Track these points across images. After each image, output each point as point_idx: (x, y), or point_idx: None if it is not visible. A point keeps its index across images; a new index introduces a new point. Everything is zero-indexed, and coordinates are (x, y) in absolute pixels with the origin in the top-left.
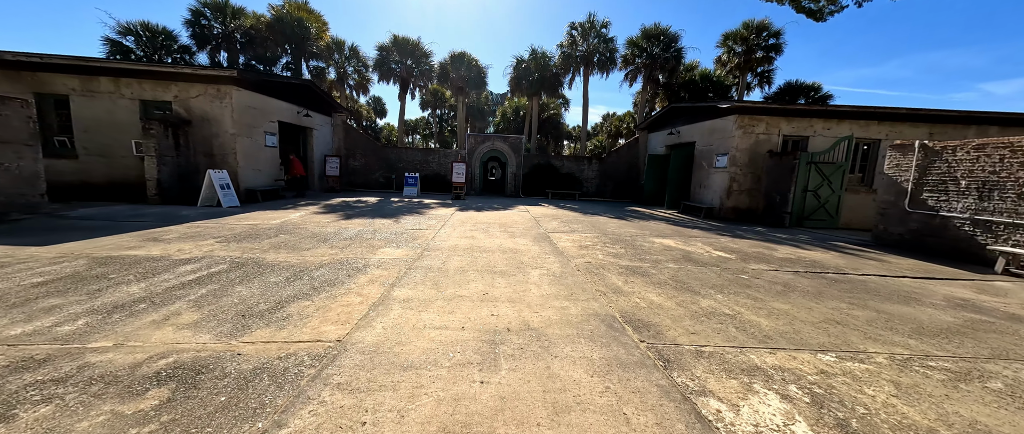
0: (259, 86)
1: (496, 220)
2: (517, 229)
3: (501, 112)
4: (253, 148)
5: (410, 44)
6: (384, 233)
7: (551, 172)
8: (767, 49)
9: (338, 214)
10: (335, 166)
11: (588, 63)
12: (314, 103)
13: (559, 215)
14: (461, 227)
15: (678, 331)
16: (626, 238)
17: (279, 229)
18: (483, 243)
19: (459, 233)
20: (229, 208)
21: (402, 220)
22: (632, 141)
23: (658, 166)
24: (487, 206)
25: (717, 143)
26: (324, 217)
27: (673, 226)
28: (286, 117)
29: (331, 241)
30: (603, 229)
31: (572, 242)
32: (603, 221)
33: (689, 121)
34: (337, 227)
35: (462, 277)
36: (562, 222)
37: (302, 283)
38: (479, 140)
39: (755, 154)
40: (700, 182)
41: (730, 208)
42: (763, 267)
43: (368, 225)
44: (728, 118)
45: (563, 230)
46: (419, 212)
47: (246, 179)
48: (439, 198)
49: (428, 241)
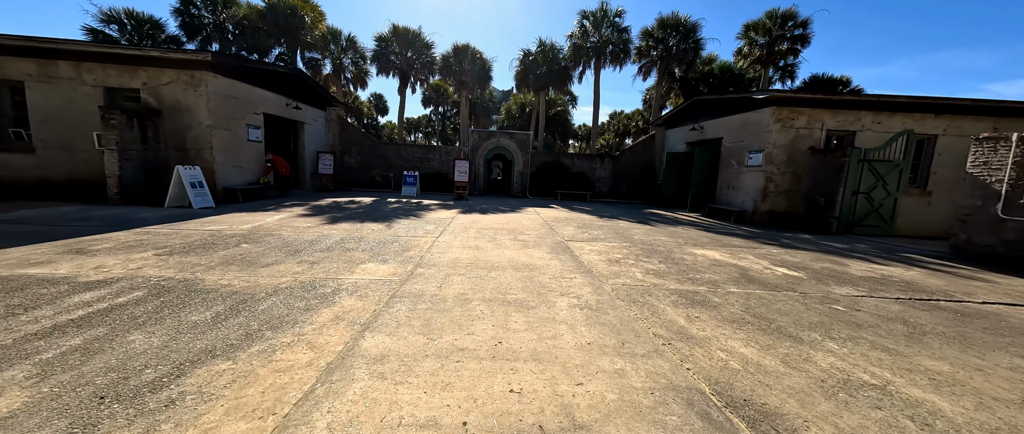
0: (240, 73)
1: (503, 225)
2: (529, 236)
3: (506, 109)
4: (233, 142)
5: (411, 34)
6: (371, 242)
7: (560, 171)
8: (792, 40)
9: (323, 217)
10: (329, 163)
11: (600, 55)
12: (306, 95)
13: (573, 218)
14: (463, 234)
15: (826, 433)
16: (660, 249)
17: (246, 237)
18: (490, 256)
19: (461, 242)
20: (200, 209)
21: (396, 225)
22: (647, 138)
23: (678, 165)
24: (492, 208)
25: (749, 139)
26: (306, 221)
27: (707, 233)
28: (273, 109)
29: (303, 253)
30: (628, 236)
31: (597, 254)
32: (624, 226)
33: (714, 115)
34: (317, 234)
35: (465, 311)
36: (579, 227)
37: (234, 324)
38: (483, 137)
39: (794, 151)
40: (728, 182)
41: (765, 212)
42: (851, 292)
43: (354, 231)
44: (764, 111)
45: (583, 238)
46: (416, 215)
47: (224, 177)
48: (440, 199)
49: (423, 253)
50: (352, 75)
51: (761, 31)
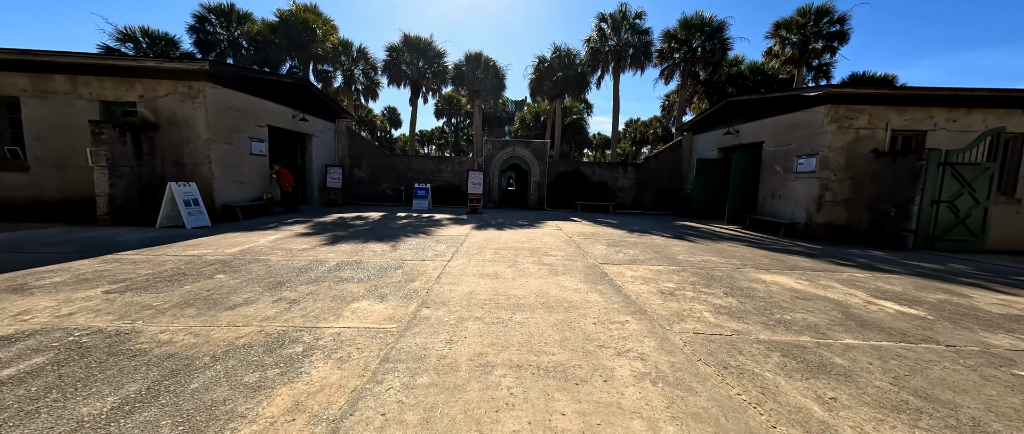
0: (242, 84)
1: (524, 242)
2: (556, 258)
3: (520, 118)
4: (234, 156)
5: (422, 43)
6: (371, 268)
7: (580, 181)
8: (828, 37)
9: (324, 237)
10: (337, 177)
11: (619, 60)
12: (313, 106)
13: (600, 234)
14: (479, 256)
15: None
16: (716, 273)
17: (226, 263)
18: (513, 288)
19: (476, 267)
20: (194, 229)
21: (402, 245)
22: (673, 144)
23: (709, 173)
24: (509, 222)
25: (798, 142)
26: (303, 241)
27: (761, 251)
28: (279, 121)
29: (285, 287)
30: (670, 256)
31: (644, 283)
32: (661, 243)
33: (753, 117)
34: (310, 258)
35: (484, 389)
36: (610, 245)
37: (137, 422)
38: (498, 146)
39: (854, 155)
40: (773, 191)
41: (821, 224)
42: (1016, 342)
43: (354, 254)
44: (817, 110)
45: (619, 260)
46: (426, 232)
47: (224, 193)
48: (453, 212)
49: (430, 284)
50: (363, 87)
51: (793, 29)
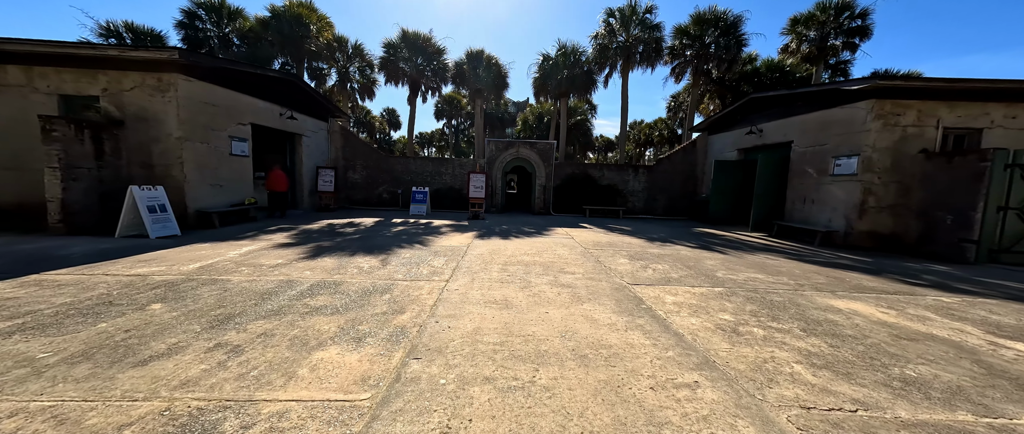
0: (221, 77)
1: (534, 255)
2: (575, 277)
3: (522, 119)
4: (211, 157)
5: (421, 40)
6: (351, 293)
7: (588, 184)
8: (849, 33)
9: (305, 248)
10: (329, 180)
11: (628, 57)
12: (304, 104)
13: (617, 243)
14: (484, 274)
15: None
16: (772, 298)
17: (172, 287)
18: (530, 323)
19: (481, 290)
20: (158, 240)
21: (394, 259)
22: (688, 146)
23: (728, 175)
24: (515, 229)
25: (835, 141)
26: (278, 255)
27: (810, 266)
28: (265, 120)
29: (234, 322)
30: (706, 272)
31: (693, 314)
32: (689, 255)
33: (779, 115)
34: (279, 278)
35: None
36: (632, 258)
37: None
38: (501, 147)
39: (900, 155)
40: (803, 195)
41: (863, 232)
42: None
43: (335, 272)
44: (858, 105)
45: (649, 278)
46: (423, 242)
47: (199, 198)
48: (453, 218)
49: (423, 317)
50: (359, 85)
51: (812, 25)
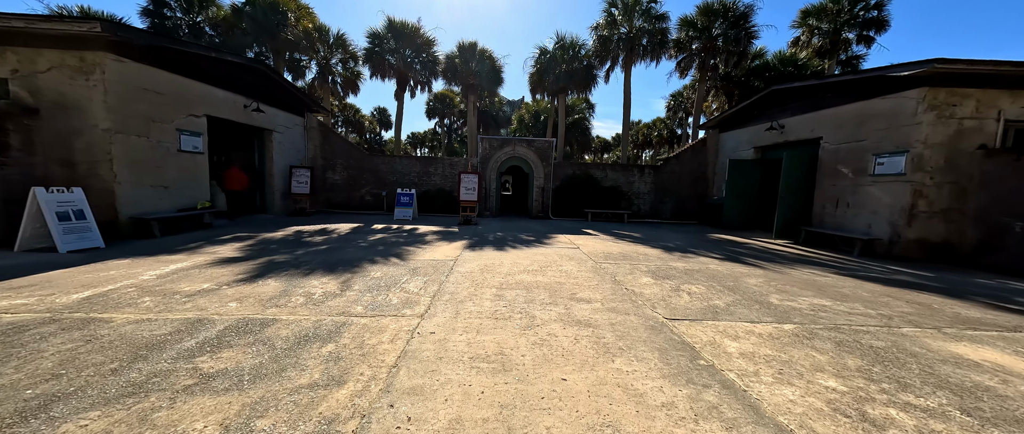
0: (166, 59)
1: (536, 273)
2: (593, 308)
3: (517, 117)
4: (152, 153)
5: (408, 29)
6: (278, 343)
7: (590, 186)
8: (864, 25)
9: (250, 265)
10: (304, 180)
11: (631, 50)
12: (276, 96)
13: (631, 255)
14: (471, 304)
15: None
16: (870, 341)
17: (5, 336)
18: (539, 410)
19: (466, 332)
20: (71, 254)
21: (358, 280)
22: (697, 144)
23: (745, 176)
24: (511, 236)
25: (877, 136)
26: (211, 276)
27: (874, 285)
28: (225, 111)
29: (46, 415)
30: (757, 298)
31: (776, 375)
32: (722, 271)
33: (806, 108)
34: (189, 315)
35: None
36: (656, 276)
37: None
38: (495, 145)
39: (955, 152)
40: (836, 198)
41: (912, 241)
42: None
43: (273, 302)
44: (907, 95)
45: (691, 309)
46: (401, 254)
47: (135, 202)
48: (442, 223)
49: (373, 393)
50: (342, 79)
51: (825, 16)
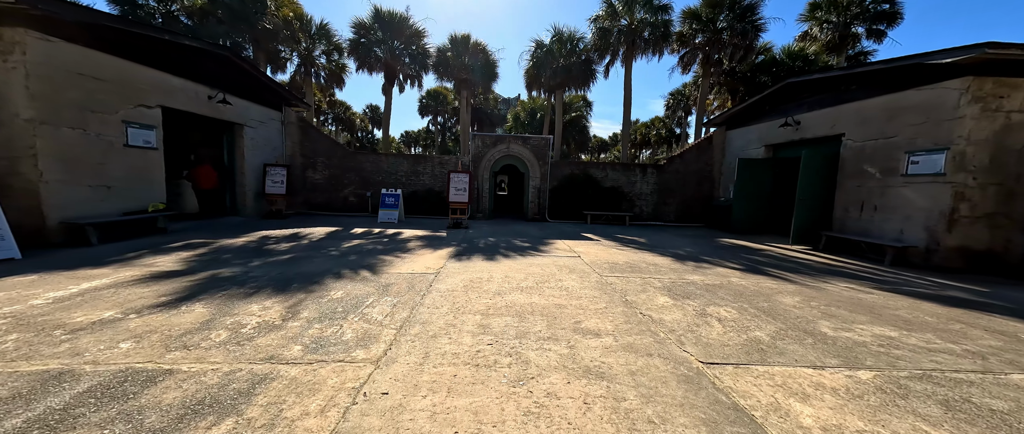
0: (106, 39)
1: (532, 293)
2: (604, 345)
3: (513, 115)
4: (90, 148)
5: (396, 19)
6: (148, 424)
7: (590, 186)
8: (874, 18)
9: (185, 283)
10: (280, 180)
11: (632, 43)
12: (249, 88)
13: (640, 265)
14: (447, 340)
15: None
16: (982, 400)
17: None
18: None
19: (432, 392)
20: None
21: (311, 302)
22: (702, 142)
23: (755, 176)
24: (503, 242)
25: (909, 132)
26: (126, 298)
27: (935, 305)
28: (183, 102)
29: None
30: (803, 326)
31: None
32: (747, 287)
33: (826, 102)
34: (47, 365)
35: None
36: (672, 293)
37: None
38: (488, 142)
39: (1001, 150)
40: (860, 200)
41: (953, 249)
42: None
43: (181, 341)
44: (947, 85)
45: (726, 344)
46: (373, 267)
47: (68, 204)
48: (430, 226)
49: None
50: (327, 72)
51: (834, 9)
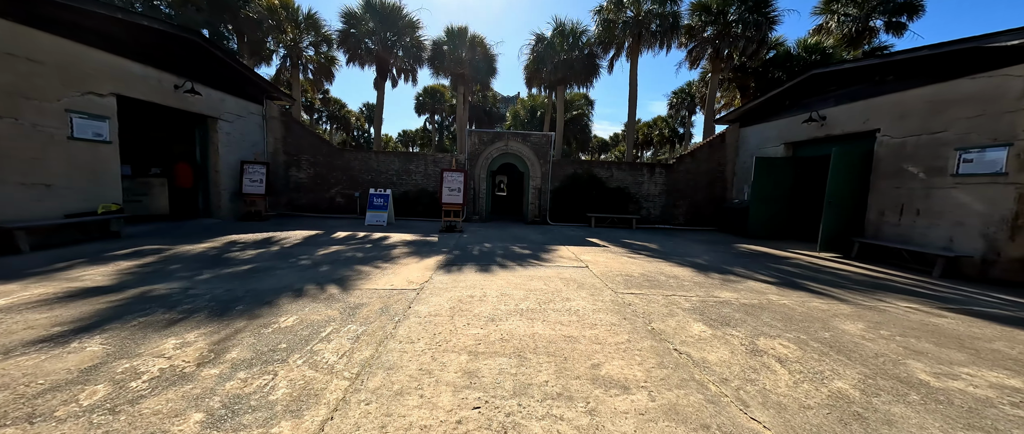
0: (43, 15)
1: (534, 319)
2: (638, 410)
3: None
4: (22, 141)
5: (389, 9)
6: None
7: (594, 187)
8: (894, 10)
9: (101, 303)
10: (259, 179)
11: (639, 35)
12: (224, 78)
13: (657, 278)
14: (417, 399)
15: None
16: None
17: None
18: None
19: None
20: None
21: (247, 335)
22: (714, 140)
23: (775, 177)
24: (500, 249)
25: (960, 126)
26: (6, 329)
27: None
28: (143, 91)
29: None
30: (897, 372)
31: None
32: (791, 307)
33: (857, 95)
34: None
35: None
36: (704, 317)
37: None
38: (486, 139)
39: None
40: (899, 204)
41: (1016, 260)
42: None
43: (20, 414)
44: (1009, 72)
45: (816, 412)
46: (344, 280)
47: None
48: (420, 230)
49: None
50: (315, 65)
51: (851, 1)
